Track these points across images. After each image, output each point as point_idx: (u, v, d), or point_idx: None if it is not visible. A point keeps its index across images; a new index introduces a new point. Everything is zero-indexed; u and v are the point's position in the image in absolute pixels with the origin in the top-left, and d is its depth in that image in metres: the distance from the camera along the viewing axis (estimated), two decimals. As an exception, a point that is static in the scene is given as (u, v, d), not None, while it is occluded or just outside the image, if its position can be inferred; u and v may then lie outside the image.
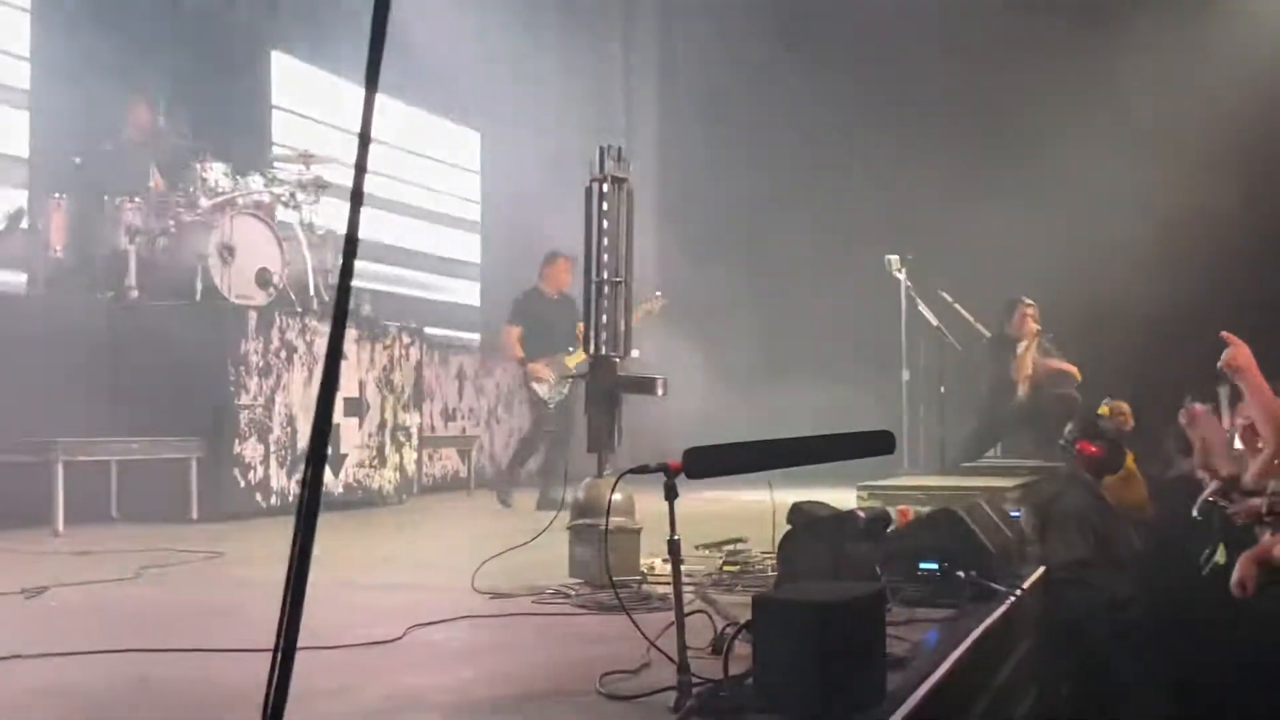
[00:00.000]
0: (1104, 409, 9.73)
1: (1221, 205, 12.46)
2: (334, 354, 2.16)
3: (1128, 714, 6.56)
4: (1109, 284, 12.02)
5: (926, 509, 5.97)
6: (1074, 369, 10.73)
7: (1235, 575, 5.58)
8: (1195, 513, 7.40)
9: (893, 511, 5.89)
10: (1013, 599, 4.92)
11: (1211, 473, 6.69)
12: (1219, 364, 5.25)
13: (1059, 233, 12.55)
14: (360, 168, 2.12)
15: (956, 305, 10.86)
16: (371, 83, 2.13)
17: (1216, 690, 6.76)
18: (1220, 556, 7.67)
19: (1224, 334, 5.49)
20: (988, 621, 4.49)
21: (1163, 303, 12.30)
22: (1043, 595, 6.02)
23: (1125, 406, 10.18)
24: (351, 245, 2.13)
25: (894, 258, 10.34)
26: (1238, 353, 5.16)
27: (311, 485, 2.00)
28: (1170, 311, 12.30)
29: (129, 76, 9.47)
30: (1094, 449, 7.11)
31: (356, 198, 2.08)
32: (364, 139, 2.17)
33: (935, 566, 4.95)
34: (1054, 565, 6.39)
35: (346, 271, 2.14)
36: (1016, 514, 6.57)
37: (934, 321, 10.66)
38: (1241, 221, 12.45)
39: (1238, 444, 6.37)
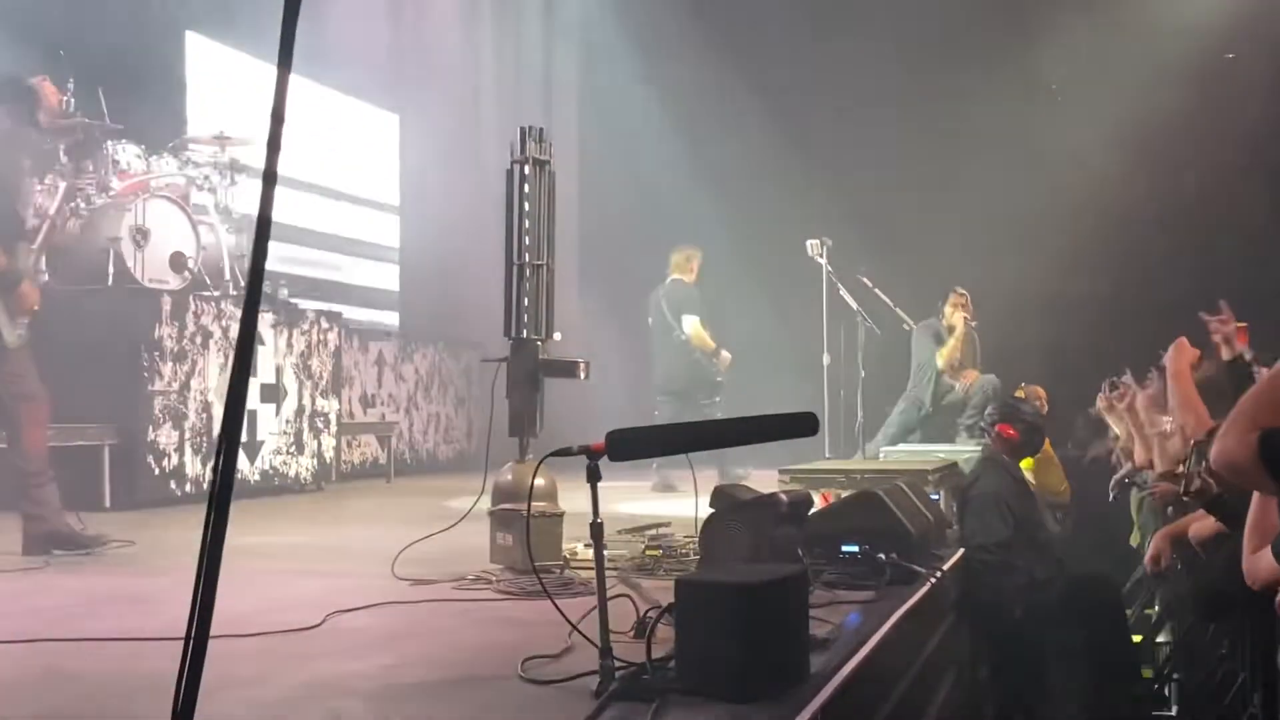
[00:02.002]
0: (1020, 392, 9.86)
1: (1135, 199, 12.66)
2: (247, 336, 2.11)
3: (1045, 693, 6.65)
4: (1023, 273, 12.16)
5: (848, 492, 6.00)
6: (976, 375, 10.84)
7: (1150, 551, 5.66)
8: (1111, 494, 7.49)
9: (814, 495, 5.92)
10: (933, 580, 4.96)
11: (1128, 454, 6.78)
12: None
13: (975, 221, 12.67)
14: (274, 146, 2.07)
15: (877, 290, 10.93)
16: (285, 60, 2.08)
17: (1131, 666, 6.88)
18: (1134, 539, 7.80)
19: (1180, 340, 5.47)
20: (909, 603, 4.53)
21: (1075, 292, 12.48)
22: (962, 577, 6.09)
23: (1041, 391, 10.33)
24: (264, 226, 2.08)
25: (815, 242, 10.37)
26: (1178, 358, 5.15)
27: (224, 470, 1.95)
28: (1083, 300, 12.49)
29: (36, 55, 9.25)
30: (1013, 432, 7.17)
31: (269, 178, 2.03)
32: (277, 116, 2.12)
33: (856, 549, 4.98)
34: (973, 547, 6.46)
35: (260, 253, 2.09)
36: (936, 496, 6.63)
37: (854, 305, 10.73)
38: (1154, 215, 12.66)
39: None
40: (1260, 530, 3.44)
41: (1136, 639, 7.36)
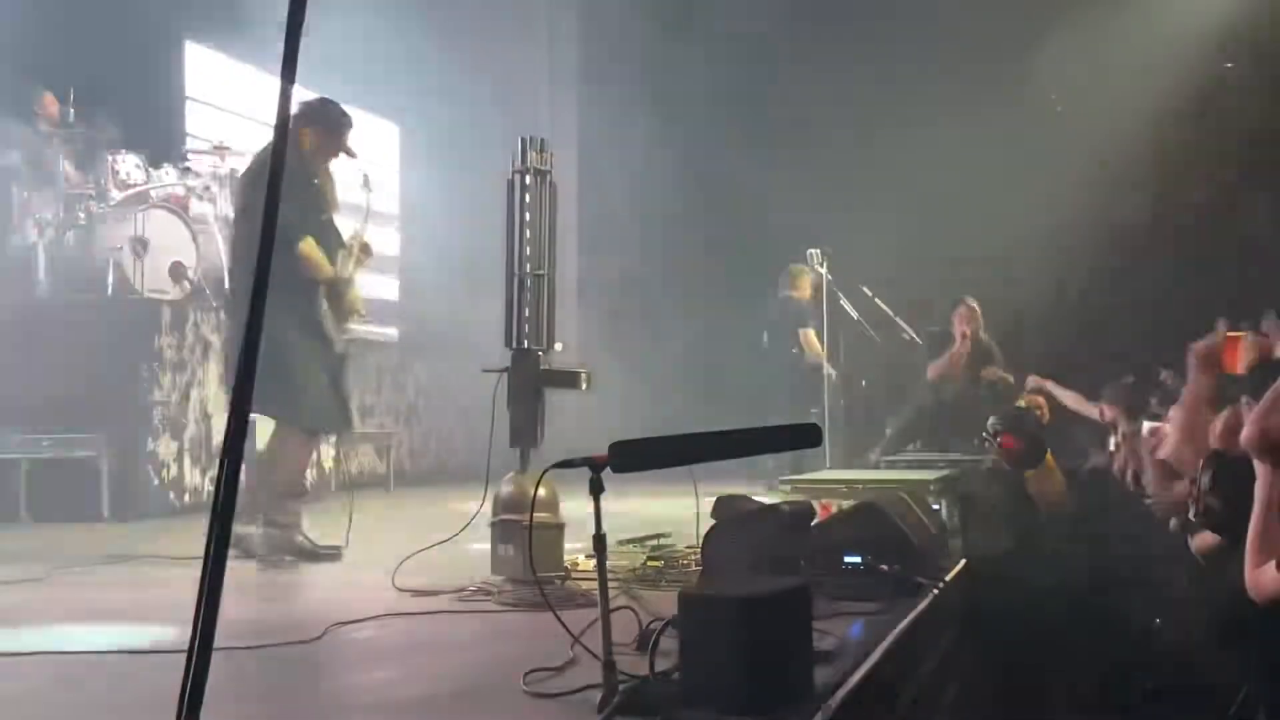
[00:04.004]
0: (1021, 403, 9.84)
1: (1134, 208, 12.65)
2: (250, 349, 2.09)
3: (1049, 704, 6.62)
4: (1023, 282, 12.16)
5: (849, 503, 5.98)
6: (1008, 377, 10.88)
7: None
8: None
9: (815, 505, 5.89)
10: (935, 591, 4.94)
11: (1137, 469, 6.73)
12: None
13: (975, 230, 12.66)
14: (279, 153, 2.06)
15: (877, 300, 10.93)
16: (289, 68, 2.07)
17: (1133, 677, 6.85)
18: None
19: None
20: (912, 614, 4.51)
21: (1075, 301, 12.47)
22: (965, 587, 6.06)
23: (1041, 401, 10.30)
24: (268, 236, 2.07)
25: (815, 252, 10.36)
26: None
27: (227, 484, 1.94)
28: (1083, 310, 12.48)
29: (37, 66, 9.26)
30: (1015, 442, 7.16)
31: (275, 179, 2.02)
32: (280, 128, 2.11)
33: (859, 560, 4.96)
34: (975, 558, 6.43)
35: (264, 263, 2.08)
36: (938, 507, 6.61)
37: (855, 315, 10.73)
38: (1154, 225, 12.64)
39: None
40: (1261, 545, 3.43)
41: (1139, 648, 7.34)
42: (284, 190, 5.90)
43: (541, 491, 4.96)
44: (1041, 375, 10.02)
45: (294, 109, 6.29)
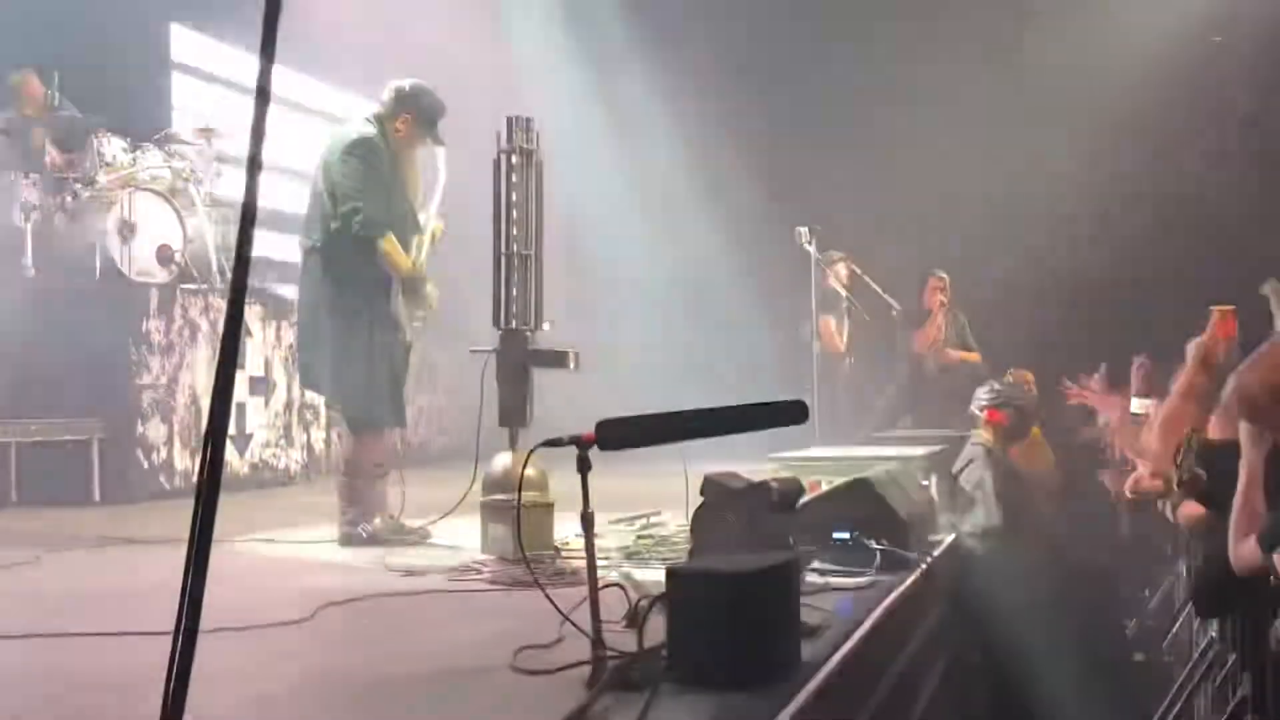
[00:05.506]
0: (1008, 377, 9.86)
1: (1122, 182, 12.65)
2: (233, 327, 2.10)
3: (1037, 679, 6.66)
4: (1012, 256, 12.17)
5: (839, 479, 5.99)
6: (976, 356, 10.91)
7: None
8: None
9: (804, 482, 5.90)
10: (924, 567, 4.96)
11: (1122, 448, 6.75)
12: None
13: (964, 205, 12.66)
14: (258, 133, 2.06)
15: (865, 277, 10.93)
16: (268, 47, 2.07)
17: (1122, 650, 6.89)
18: None
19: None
20: (900, 589, 4.53)
21: (1063, 275, 12.47)
22: (953, 563, 6.09)
23: (1028, 375, 10.32)
24: (250, 214, 2.07)
25: (804, 229, 10.34)
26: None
27: (211, 464, 1.94)
28: (1071, 283, 12.49)
29: (20, 49, 9.21)
30: (1001, 417, 7.18)
31: (254, 164, 2.02)
32: (261, 100, 2.11)
33: (848, 536, 4.98)
34: (964, 533, 6.46)
35: (244, 241, 2.08)
36: (926, 483, 6.63)
37: (843, 293, 10.72)
38: (1142, 197, 12.64)
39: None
40: (1245, 516, 3.46)
41: (1128, 623, 7.39)
42: (374, 181, 5.93)
43: (530, 471, 4.98)
44: (1024, 354, 10.05)
45: (389, 94, 6.28)
